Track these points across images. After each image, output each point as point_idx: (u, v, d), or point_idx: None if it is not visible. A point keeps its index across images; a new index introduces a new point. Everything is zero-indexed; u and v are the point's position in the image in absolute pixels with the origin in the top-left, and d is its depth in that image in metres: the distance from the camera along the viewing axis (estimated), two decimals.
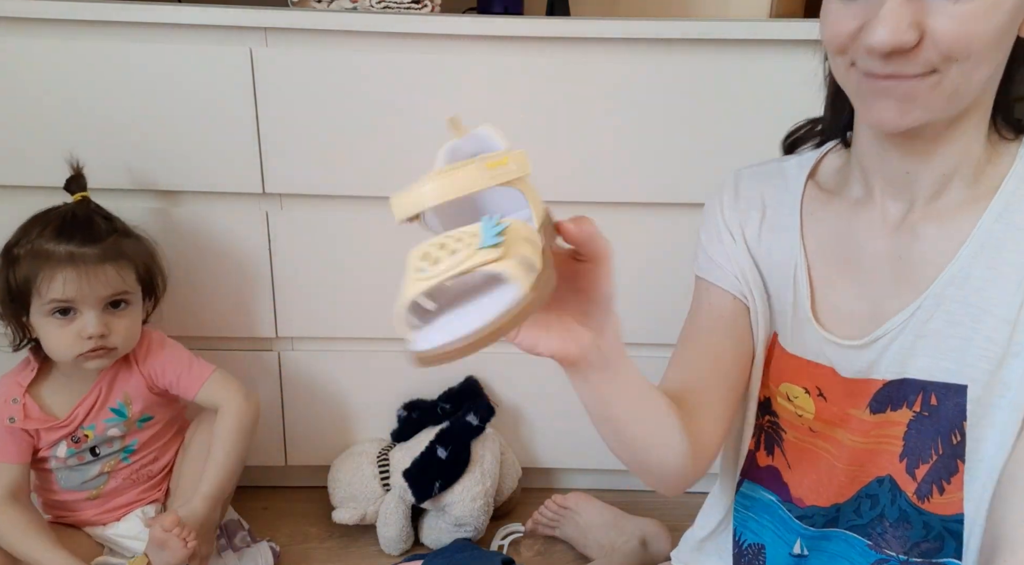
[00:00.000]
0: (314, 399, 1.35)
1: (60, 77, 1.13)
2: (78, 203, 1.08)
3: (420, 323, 0.49)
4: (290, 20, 1.11)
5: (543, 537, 1.32)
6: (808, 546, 0.77)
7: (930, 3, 0.54)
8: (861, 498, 0.71)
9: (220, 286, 1.26)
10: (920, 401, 0.65)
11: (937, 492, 0.66)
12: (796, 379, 0.74)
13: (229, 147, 1.18)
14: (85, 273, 1.02)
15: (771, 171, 0.77)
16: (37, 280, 1.01)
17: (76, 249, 1.02)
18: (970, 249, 0.62)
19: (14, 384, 1.10)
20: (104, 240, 1.05)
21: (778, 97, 1.15)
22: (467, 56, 1.14)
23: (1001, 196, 0.62)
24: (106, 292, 1.04)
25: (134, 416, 1.14)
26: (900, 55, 0.55)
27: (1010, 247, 0.61)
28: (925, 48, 0.55)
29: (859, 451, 0.70)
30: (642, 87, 1.15)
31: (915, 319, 0.65)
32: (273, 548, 1.25)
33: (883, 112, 0.58)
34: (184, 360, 1.17)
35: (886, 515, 0.70)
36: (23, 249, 1.03)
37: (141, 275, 1.10)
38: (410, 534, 1.28)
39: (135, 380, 1.14)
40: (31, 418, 1.08)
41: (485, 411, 1.29)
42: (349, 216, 1.23)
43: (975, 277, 0.62)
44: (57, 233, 1.03)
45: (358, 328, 1.30)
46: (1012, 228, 0.61)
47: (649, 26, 1.12)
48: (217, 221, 1.23)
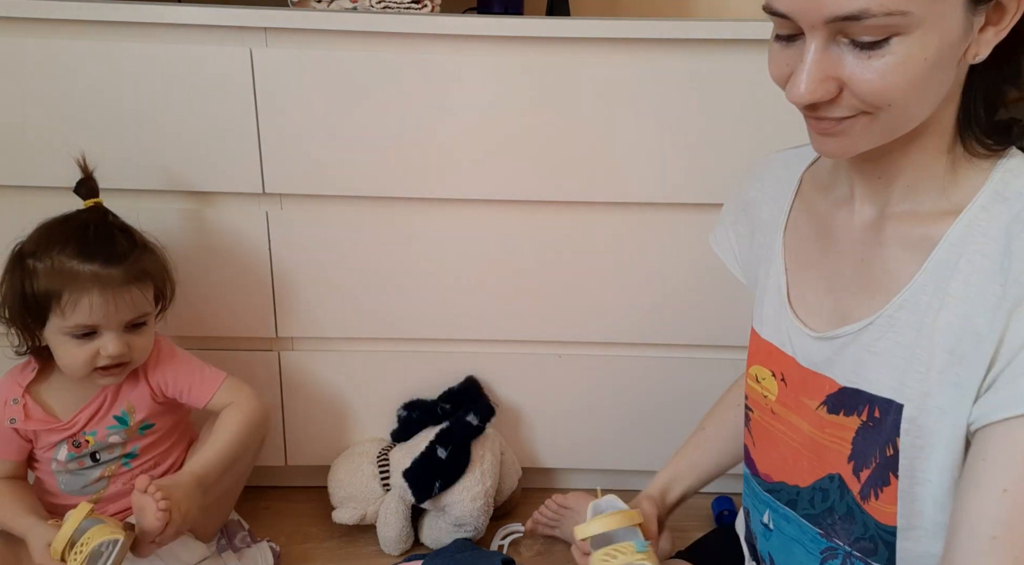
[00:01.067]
0: (314, 399, 1.35)
1: (59, 77, 1.13)
2: (93, 212, 1.05)
3: None
4: (290, 20, 1.11)
5: (543, 537, 1.32)
6: (773, 521, 0.81)
7: (846, 58, 0.55)
8: (815, 490, 0.74)
9: (220, 286, 1.26)
10: (867, 412, 0.68)
11: (874, 497, 0.69)
12: (766, 362, 0.78)
13: (229, 147, 1.18)
14: (112, 296, 1.00)
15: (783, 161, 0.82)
16: (62, 300, 0.99)
17: (102, 270, 0.99)
18: (923, 277, 0.63)
19: (14, 384, 1.09)
20: (127, 258, 1.02)
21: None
22: (467, 56, 1.14)
23: (960, 223, 0.62)
24: (130, 316, 1.03)
25: (136, 424, 1.13)
26: (824, 105, 0.58)
27: (959, 278, 0.61)
28: (846, 97, 0.57)
29: (815, 442, 0.73)
30: (642, 87, 1.15)
31: (867, 334, 0.67)
32: (273, 548, 1.25)
33: (825, 147, 0.62)
34: (195, 370, 1.15)
35: (835, 509, 0.73)
36: (42, 263, 1.00)
37: (158, 290, 1.10)
38: (410, 534, 1.28)
39: (141, 389, 1.13)
40: (32, 419, 1.08)
41: (485, 411, 1.29)
42: (349, 216, 1.23)
43: (923, 304, 0.63)
44: (79, 251, 0.99)
45: (358, 328, 1.30)
46: (963, 260, 0.61)
47: (649, 26, 1.12)
48: (217, 221, 1.23)
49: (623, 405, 1.36)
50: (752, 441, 0.82)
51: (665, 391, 1.33)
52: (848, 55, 0.55)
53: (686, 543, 1.07)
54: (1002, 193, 0.61)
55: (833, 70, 0.56)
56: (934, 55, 0.55)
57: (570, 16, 1.43)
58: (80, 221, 1.04)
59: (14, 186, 1.19)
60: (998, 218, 0.60)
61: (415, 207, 1.22)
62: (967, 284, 0.61)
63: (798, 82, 0.56)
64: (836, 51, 0.56)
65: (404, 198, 1.21)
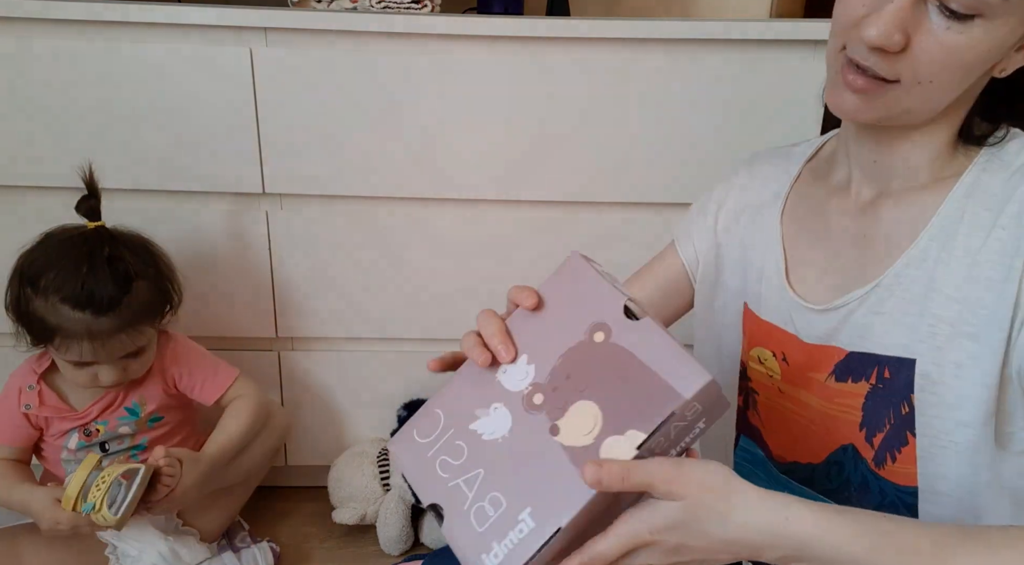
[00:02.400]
0: (314, 399, 1.35)
1: (59, 77, 1.13)
2: (93, 240, 1.04)
3: None
4: (290, 20, 1.11)
5: None
6: None
7: (926, 21, 0.57)
8: (830, 464, 0.75)
9: (220, 286, 1.26)
10: (875, 374, 0.69)
11: (890, 460, 0.69)
12: (766, 343, 0.79)
13: (229, 147, 1.18)
14: (101, 344, 1.02)
15: (782, 153, 0.84)
16: (55, 340, 1.02)
17: (92, 320, 1.01)
18: (929, 232, 0.66)
19: (29, 371, 1.11)
20: (119, 305, 1.02)
21: (778, 97, 1.15)
22: (467, 56, 1.14)
23: (962, 184, 0.65)
24: (122, 353, 1.06)
25: (146, 416, 1.14)
26: (880, 55, 0.59)
27: (964, 231, 0.64)
28: (900, 59, 0.59)
29: (825, 414, 0.74)
30: (642, 87, 1.15)
31: (873, 296, 0.68)
32: (273, 548, 1.25)
33: (842, 102, 0.63)
34: (209, 365, 1.18)
35: (851, 481, 0.73)
36: (39, 301, 1.01)
37: (159, 311, 1.10)
38: (410, 534, 1.28)
39: (154, 382, 1.15)
40: (46, 405, 1.10)
41: None
42: (349, 216, 1.23)
43: (931, 258, 0.65)
44: (72, 297, 1.00)
45: (358, 328, 1.30)
46: (968, 213, 0.64)
47: (649, 26, 1.12)
48: (217, 221, 1.23)
49: None
50: (761, 422, 0.82)
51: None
52: (932, 18, 0.57)
53: None
54: (998, 156, 0.65)
55: (911, 26, 0.58)
56: (986, 52, 0.58)
57: (570, 16, 1.43)
58: (78, 254, 1.02)
59: (14, 186, 1.19)
60: (997, 174, 0.64)
61: (415, 207, 1.22)
62: (971, 235, 0.63)
63: (878, 22, 0.57)
64: (921, 10, 0.57)
65: (404, 198, 1.21)
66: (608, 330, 0.56)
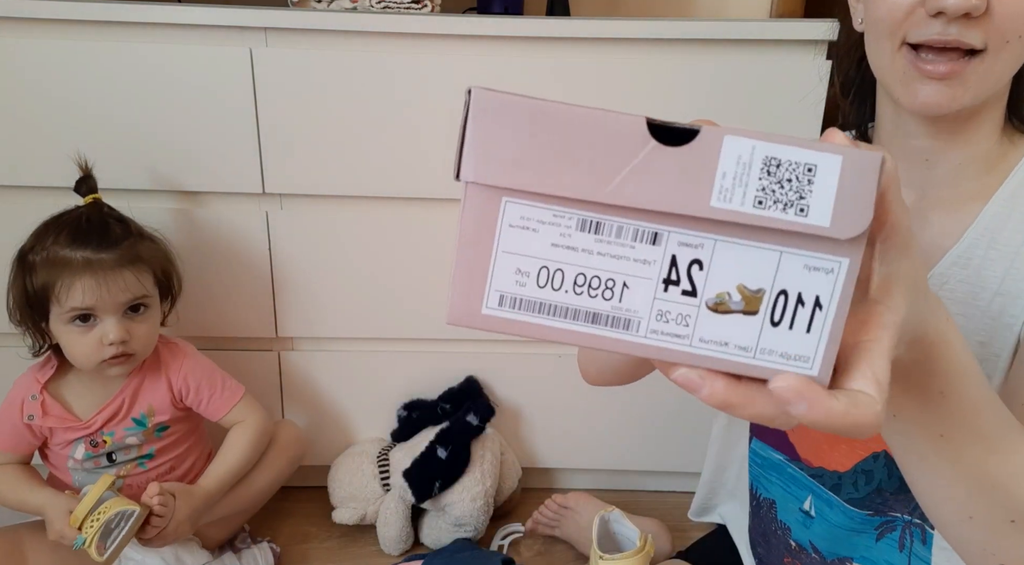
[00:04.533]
0: (314, 399, 1.35)
1: (60, 77, 1.13)
2: (90, 206, 1.07)
3: None
4: (290, 20, 1.11)
5: (543, 537, 1.32)
6: (815, 507, 0.79)
7: None
8: (857, 474, 0.74)
9: (220, 286, 1.26)
10: None
11: None
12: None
13: (229, 147, 1.18)
14: (104, 279, 1.01)
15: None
16: (56, 288, 1.00)
17: (93, 255, 1.01)
18: (975, 232, 0.64)
19: (32, 381, 1.09)
20: (120, 244, 1.03)
21: (778, 97, 1.15)
22: (467, 56, 1.14)
23: (1010, 182, 0.64)
24: (125, 297, 1.04)
25: (153, 426, 1.13)
26: (964, 22, 0.56)
27: (1011, 227, 0.63)
28: (985, 23, 0.56)
29: None
30: (642, 87, 1.15)
31: None
32: (273, 548, 1.25)
33: (929, 97, 0.59)
34: (216, 381, 1.17)
35: (884, 487, 0.72)
36: (38, 256, 1.02)
37: (158, 278, 1.10)
38: (410, 534, 1.28)
39: (161, 393, 1.13)
40: (50, 415, 1.08)
41: (485, 411, 1.29)
42: (349, 216, 1.23)
43: (977, 257, 0.64)
44: (72, 239, 1.01)
45: (358, 328, 1.30)
46: (1015, 210, 0.63)
47: (649, 26, 1.12)
48: (217, 221, 1.23)
49: (623, 405, 1.36)
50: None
51: (665, 391, 1.33)
52: None
53: (686, 543, 1.07)
54: None
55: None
56: None
57: (570, 16, 1.43)
58: (77, 214, 1.05)
59: (14, 186, 1.19)
60: None
61: (415, 207, 1.22)
62: (1018, 231, 0.62)
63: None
64: None
65: (404, 198, 1.21)
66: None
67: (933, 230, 0.67)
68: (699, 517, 1.03)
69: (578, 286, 0.34)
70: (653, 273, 0.34)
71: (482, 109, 0.32)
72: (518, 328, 0.35)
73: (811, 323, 0.34)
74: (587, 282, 0.34)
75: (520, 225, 0.34)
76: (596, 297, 0.34)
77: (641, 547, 1.08)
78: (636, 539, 1.10)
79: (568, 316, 0.35)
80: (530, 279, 0.34)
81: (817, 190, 0.33)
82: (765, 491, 0.87)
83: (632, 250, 0.34)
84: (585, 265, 0.34)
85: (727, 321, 0.34)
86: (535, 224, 0.34)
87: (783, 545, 0.85)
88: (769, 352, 0.34)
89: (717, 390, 0.33)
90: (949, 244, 0.65)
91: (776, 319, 0.34)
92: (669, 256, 0.34)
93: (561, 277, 0.34)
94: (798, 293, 0.34)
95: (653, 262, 0.34)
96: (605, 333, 0.35)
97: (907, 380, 0.43)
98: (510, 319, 0.35)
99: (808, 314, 0.34)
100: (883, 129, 0.69)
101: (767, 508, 0.87)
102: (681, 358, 0.34)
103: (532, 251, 0.34)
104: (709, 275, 0.34)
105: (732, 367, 0.34)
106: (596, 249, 0.34)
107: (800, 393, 0.32)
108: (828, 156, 0.32)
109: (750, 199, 0.33)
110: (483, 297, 0.34)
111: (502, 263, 0.34)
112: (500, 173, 0.33)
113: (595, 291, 0.34)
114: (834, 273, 0.33)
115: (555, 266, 0.34)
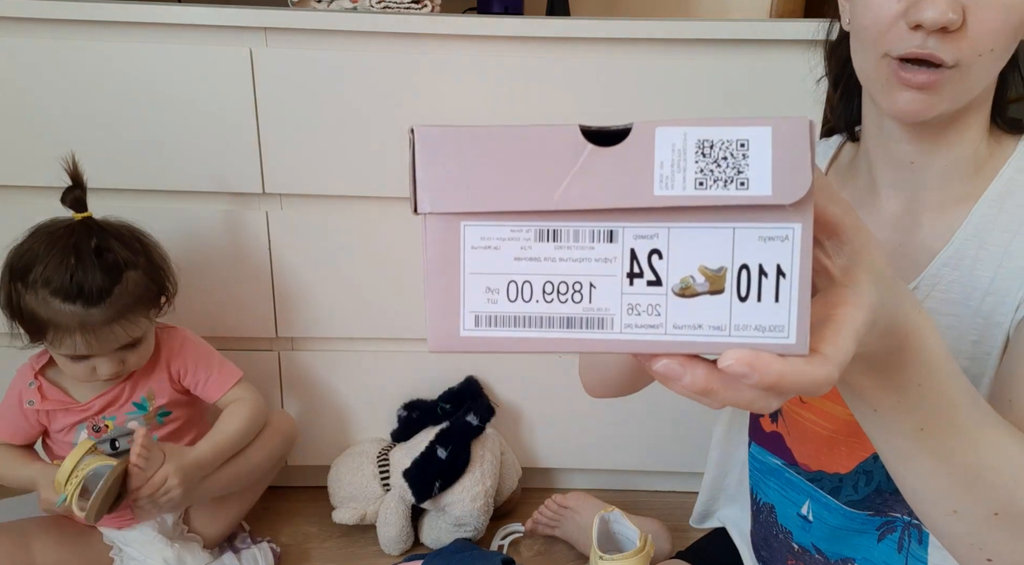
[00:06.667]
0: (314, 399, 1.35)
1: (59, 77, 1.13)
2: (79, 231, 1.03)
3: None
4: (290, 20, 1.11)
5: (543, 537, 1.32)
6: (813, 511, 0.79)
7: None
8: (859, 474, 0.74)
9: (220, 286, 1.26)
10: None
11: None
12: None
13: (229, 147, 1.18)
14: (94, 336, 1.02)
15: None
16: (47, 335, 1.02)
17: (84, 313, 1.00)
18: (964, 233, 0.65)
19: (28, 369, 1.11)
20: (110, 293, 1.01)
21: (778, 97, 1.15)
22: (467, 56, 1.14)
23: (997, 184, 0.65)
24: (118, 345, 1.05)
25: (154, 411, 1.14)
26: (940, 36, 0.57)
27: (1000, 227, 0.64)
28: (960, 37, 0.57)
29: (851, 423, 0.73)
30: (642, 87, 1.15)
31: None
32: (273, 548, 1.25)
33: (907, 104, 0.60)
34: (214, 363, 1.18)
35: (883, 488, 0.72)
36: (29, 295, 1.00)
37: (153, 301, 1.09)
38: (410, 534, 1.28)
39: (160, 376, 1.15)
40: (49, 399, 1.10)
41: (485, 411, 1.29)
42: (349, 216, 1.23)
43: (967, 258, 0.65)
44: (61, 289, 0.99)
45: (358, 328, 1.30)
46: (1003, 211, 0.64)
47: (649, 26, 1.12)
48: (217, 221, 1.23)
49: (623, 405, 1.35)
50: (787, 430, 0.81)
51: (664, 391, 1.32)
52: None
53: (686, 543, 1.07)
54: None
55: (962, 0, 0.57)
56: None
57: (570, 16, 1.43)
58: (65, 246, 1.01)
59: (14, 186, 1.19)
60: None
61: None
62: (1007, 231, 0.63)
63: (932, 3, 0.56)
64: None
65: (404, 198, 1.21)
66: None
67: (923, 232, 0.68)
68: (700, 524, 1.03)
69: (547, 294, 0.35)
70: (616, 269, 0.35)
71: (426, 143, 0.34)
72: (498, 344, 0.36)
73: (778, 292, 0.34)
74: (555, 289, 0.35)
75: (482, 245, 0.35)
76: (566, 302, 0.35)
77: (641, 547, 1.08)
78: (636, 539, 1.10)
79: (543, 325, 0.36)
80: (501, 295, 0.35)
81: (753, 163, 0.34)
82: (764, 495, 0.87)
83: (592, 251, 0.35)
84: (550, 273, 0.35)
85: (696, 304, 0.35)
86: (495, 242, 0.35)
87: (786, 548, 0.85)
88: (743, 327, 0.34)
89: (698, 377, 0.34)
90: (939, 246, 0.66)
91: (743, 294, 0.34)
92: (628, 250, 0.35)
93: (530, 288, 0.35)
94: (759, 265, 0.34)
95: (614, 259, 0.35)
96: (582, 336, 0.36)
97: (885, 372, 0.43)
98: (489, 337, 0.36)
99: (773, 284, 0.34)
100: (869, 134, 0.70)
101: (767, 512, 0.87)
102: (659, 348, 0.35)
103: (497, 268, 0.35)
104: (670, 262, 0.34)
105: (711, 348, 0.35)
106: (558, 255, 0.35)
107: (749, 364, 0.33)
108: (757, 129, 0.34)
109: (691, 182, 0.34)
110: (459, 320, 0.36)
111: (471, 284, 0.35)
112: (454, 199, 0.34)
113: (564, 296, 0.35)
114: (789, 239, 0.34)
115: (522, 278, 0.35)
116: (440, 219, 0.34)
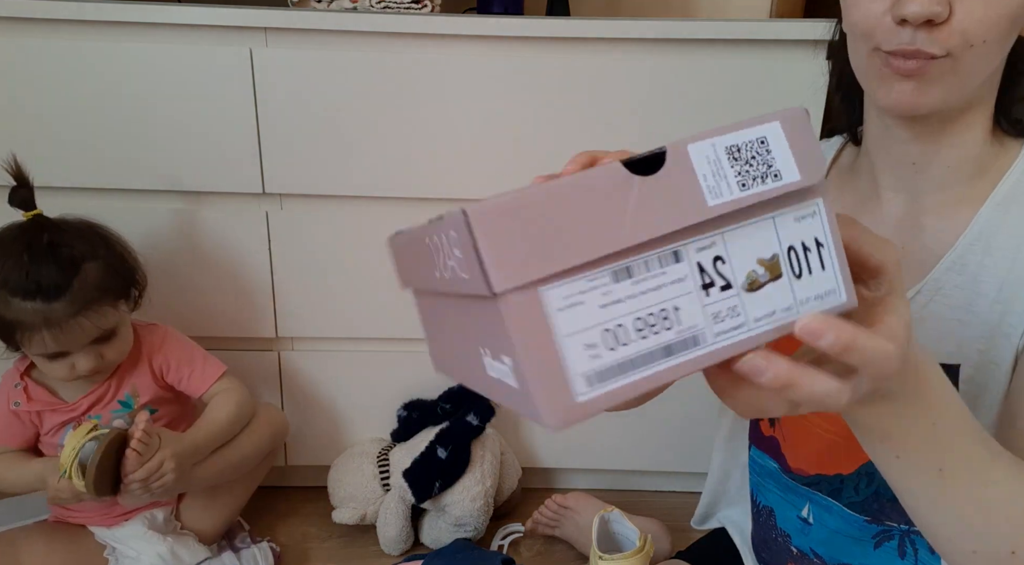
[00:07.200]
0: (314, 399, 1.35)
1: (60, 77, 1.13)
2: (30, 229, 1.02)
3: None
4: (290, 20, 1.11)
5: (543, 537, 1.32)
6: (813, 514, 0.79)
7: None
8: (861, 475, 0.73)
9: (220, 286, 1.26)
10: None
11: None
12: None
13: (229, 147, 1.18)
14: (61, 331, 1.00)
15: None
16: (16, 336, 1.01)
17: (46, 308, 0.99)
18: (968, 238, 0.64)
19: (14, 371, 1.11)
20: (70, 286, 1.00)
21: (778, 97, 1.15)
22: (467, 56, 1.14)
23: (1002, 187, 0.64)
24: (89, 338, 1.04)
25: (139, 408, 1.14)
26: (927, 30, 0.57)
27: (1005, 232, 0.63)
28: (948, 29, 0.57)
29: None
30: (642, 87, 1.15)
31: (914, 303, 0.66)
32: (273, 548, 1.25)
33: (901, 95, 0.60)
34: (198, 358, 1.18)
35: (882, 493, 0.72)
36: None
37: (119, 292, 1.08)
38: (410, 534, 1.28)
39: (143, 373, 1.15)
40: (35, 400, 1.10)
41: (485, 411, 1.29)
42: (349, 216, 1.23)
43: (972, 263, 0.64)
44: (20, 286, 0.98)
45: (358, 328, 1.30)
46: (1008, 216, 0.63)
47: (649, 26, 1.12)
48: (217, 221, 1.23)
49: None
50: (783, 436, 0.81)
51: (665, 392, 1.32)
52: None
53: (686, 543, 1.07)
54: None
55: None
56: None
57: (570, 16, 1.43)
58: (18, 245, 1.01)
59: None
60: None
61: (415, 207, 1.22)
62: (1012, 235, 0.62)
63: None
64: None
65: (404, 198, 1.21)
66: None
67: (926, 235, 0.67)
68: (701, 525, 1.03)
69: (640, 331, 0.36)
70: (691, 286, 0.36)
71: (482, 222, 0.33)
72: (615, 396, 0.36)
73: (822, 260, 0.39)
74: (645, 323, 0.36)
75: (567, 305, 0.34)
76: (659, 331, 0.36)
77: (641, 547, 1.08)
78: (636, 539, 1.10)
79: (648, 361, 0.36)
80: (601, 348, 0.35)
81: (777, 155, 0.37)
82: (764, 499, 0.87)
83: (665, 275, 0.36)
84: (636, 309, 0.36)
85: (765, 294, 0.38)
86: (578, 297, 0.34)
87: (785, 552, 0.85)
88: (806, 301, 0.39)
89: (781, 371, 0.36)
90: (943, 250, 0.65)
91: (797, 272, 0.38)
92: (695, 265, 0.36)
93: (624, 331, 0.35)
94: (801, 243, 0.38)
95: (686, 277, 0.36)
96: (684, 357, 0.37)
97: (906, 415, 0.45)
98: (605, 393, 0.35)
99: (817, 256, 0.39)
100: (871, 134, 0.70)
101: (766, 516, 0.87)
102: (752, 343, 0.38)
103: (588, 322, 0.35)
104: (733, 264, 0.37)
105: (789, 328, 0.38)
106: (637, 290, 0.36)
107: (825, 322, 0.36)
108: (768, 125, 0.37)
109: (735, 186, 0.36)
110: (571, 388, 0.35)
111: (570, 347, 0.35)
112: (529, 268, 0.33)
113: (656, 327, 0.36)
114: (817, 214, 0.39)
115: (614, 323, 0.35)
116: (518, 294, 0.33)
